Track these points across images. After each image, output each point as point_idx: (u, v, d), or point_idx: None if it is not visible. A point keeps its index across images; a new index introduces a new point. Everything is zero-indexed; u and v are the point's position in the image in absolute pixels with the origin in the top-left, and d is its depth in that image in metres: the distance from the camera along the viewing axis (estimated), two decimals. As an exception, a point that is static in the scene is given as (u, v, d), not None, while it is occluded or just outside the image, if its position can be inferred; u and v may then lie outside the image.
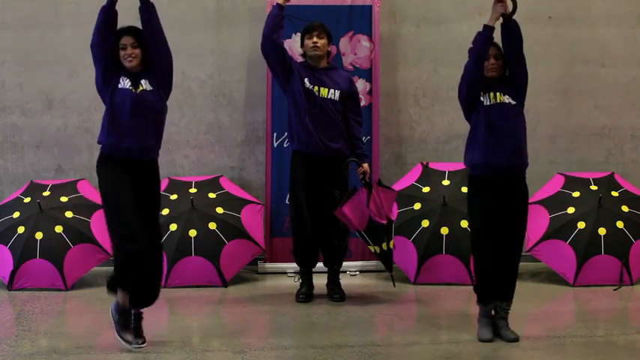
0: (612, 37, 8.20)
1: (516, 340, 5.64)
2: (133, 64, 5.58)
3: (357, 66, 7.75)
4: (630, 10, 8.21)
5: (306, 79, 6.59)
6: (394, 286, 6.76)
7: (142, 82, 5.58)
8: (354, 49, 7.75)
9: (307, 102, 6.57)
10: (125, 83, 5.54)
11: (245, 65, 8.01)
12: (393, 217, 6.72)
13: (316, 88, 6.59)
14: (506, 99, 5.85)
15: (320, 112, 6.56)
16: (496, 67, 5.89)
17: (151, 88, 5.60)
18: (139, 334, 5.60)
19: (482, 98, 5.81)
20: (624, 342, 5.67)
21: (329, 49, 6.72)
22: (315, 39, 6.62)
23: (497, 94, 5.85)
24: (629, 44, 8.22)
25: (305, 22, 7.26)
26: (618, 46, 8.21)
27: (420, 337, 5.79)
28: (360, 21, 7.74)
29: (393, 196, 6.68)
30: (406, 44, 8.09)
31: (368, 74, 7.77)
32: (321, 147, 6.55)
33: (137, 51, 5.60)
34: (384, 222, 6.51)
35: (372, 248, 6.59)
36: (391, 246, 6.56)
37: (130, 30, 5.65)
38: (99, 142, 5.59)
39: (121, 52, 5.59)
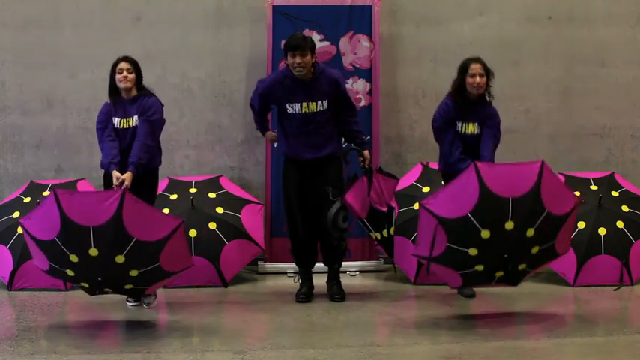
0: (612, 37, 8.20)
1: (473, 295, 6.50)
2: (127, 85, 6.41)
3: (357, 66, 7.76)
4: (630, 10, 8.22)
5: (288, 105, 6.54)
6: (395, 272, 6.94)
7: (134, 118, 6.47)
8: (354, 49, 7.75)
9: (290, 124, 6.58)
10: (116, 123, 6.48)
11: (245, 65, 8.02)
12: (394, 204, 6.74)
13: (304, 104, 6.52)
14: (476, 129, 6.46)
15: (305, 130, 6.55)
16: (481, 85, 6.29)
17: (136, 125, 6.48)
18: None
19: (457, 124, 6.48)
20: (624, 342, 5.67)
21: (313, 60, 6.54)
22: (297, 59, 6.45)
23: (470, 125, 6.45)
24: (629, 44, 8.22)
25: (305, 21, 7.27)
26: (618, 46, 8.21)
27: (420, 337, 5.79)
28: (360, 21, 7.74)
29: (393, 185, 6.71)
30: (406, 44, 8.09)
31: (368, 74, 7.77)
32: (309, 159, 6.56)
33: (132, 76, 6.47)
34: (385, 210, 6.54)
35: (373, 235, 6.63)
36: (392, 232, 6.59)
37: (127, 58, 6.50)
38: None
39: (118, 76, 6.43)
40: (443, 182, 6.69)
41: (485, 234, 5.65)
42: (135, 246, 5.66)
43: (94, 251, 5.65)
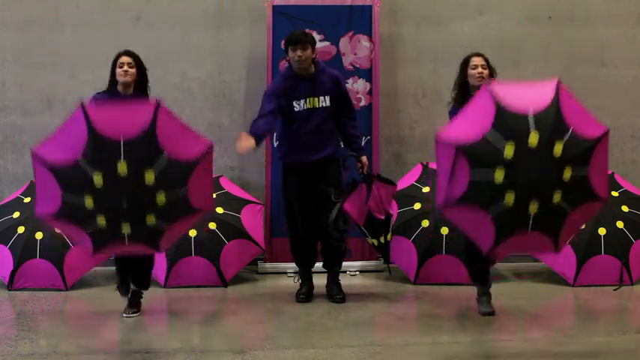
0: (612, 37, 8.20)
1: (492, 313, 6.18)
2: (127, 79, 6.15)
3: (357, 66, 7.76)
4: (630, 10, 8.22)
5: (294, 102, 6.52)
6: (390, 274, 6.92)
7: None
8: (354, 49, 7.75)
9: (293, 123, 6.56)
10: None
11: (245, 65, 8.02)
12: (392, 210, 6.73)
13: (308, 99, 6.53)
14: None
15: (307, 128, 6.54)
16: (484, 76, 6.20)
17: None
18: (132, 304, 6.30)
19: None
20: (624, 342, 5.67)
21: (314, 55, 6.57)
22: (299, 52, 6.46)
23: None
24: (629, 44, 8.22)
25: (305, 21, 7.28)
26: (618, 46, 8.21)
27: (420, 337, 5.79)
28: (360, 21, 7.74)
29: (392, 191, 6.70)
30: (406, 44, 8.09)
31: (368, 74, 7.77)
32: (309, 162, 6.57)
33: (133, 70, 6.17)
34: (382, 217, 6.54)
35: (370, 241, 6.62)
36: (389, 239, 6.59)
37: (129, 52, 6.23)
38: None
39: (118, 70, 6.17)
40: None
41: (509, 151, 5.13)
42: (166, 161, 5.30)
43: (122, 167, 5.24)
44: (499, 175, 5.18)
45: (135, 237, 5.42)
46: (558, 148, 5.20)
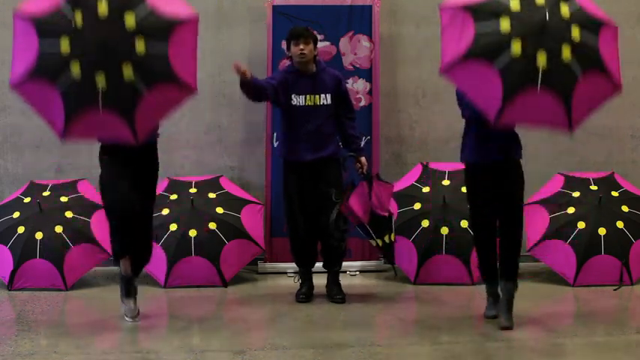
0: (612, 37, 8.18)
1: (508, 328, 5.83)
2: None
3: (357, 66, 7.75)
4: (630, 10, 8.21)
5: (293, 96, 6.55)
6: (396, 275, 6.94)
7: None
8: (354, 49, 7.75)
9: (293, 119, 6.56)
10: None
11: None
12: (393, 210, 6.73)
13: (308, 97, 6.54)
14: None
15: (308, 128, 6.54)
16: None
17: None
18: (129, 294, 6.14)
19: None
20: (624, 342, 5.67)
21: (315, 53, 6.61)
22: (301, 46, 6.50)
23: None
24: (629, 44, 8.20)
25: (305, 21, 7.27)
26: (618, 46, 8.18)
27: (420, 338, 5.79)
28: (360, 21, 7.74)
29: (390, 190, 6.70)
30: (406, 44, 8.09)
31: (368, 74, 7.77)
32: (309, 160, 6.56)
33: None
34: (386, 215, 6.54)
35: (373, 242, 6.61)
36: (392, 239, 6.58)
37: None
38: None
39: None
40: (466, 177, 6.14)
41: (514, 3, 5.16)
42: (148, 10, 5.25)
43: (102, 7, 5.17)
44: (505, 24, 5.14)
45: (110, 98, 5.22)
46: (565, 10, 5.24)
